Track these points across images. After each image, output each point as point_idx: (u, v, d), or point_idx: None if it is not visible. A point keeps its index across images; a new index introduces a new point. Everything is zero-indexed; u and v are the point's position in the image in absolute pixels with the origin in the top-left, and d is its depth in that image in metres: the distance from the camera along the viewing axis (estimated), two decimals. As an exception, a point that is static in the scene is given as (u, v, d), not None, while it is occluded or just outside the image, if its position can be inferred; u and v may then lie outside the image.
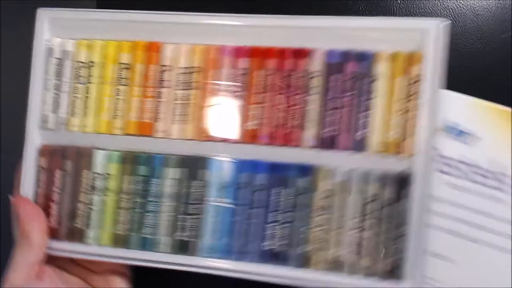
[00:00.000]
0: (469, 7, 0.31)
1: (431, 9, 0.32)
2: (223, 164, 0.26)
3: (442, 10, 0.32)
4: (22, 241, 0.25)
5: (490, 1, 0.31)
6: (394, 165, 0.25)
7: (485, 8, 0.31)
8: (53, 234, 0.27)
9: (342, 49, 0.25)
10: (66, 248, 0.27)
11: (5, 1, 0.37)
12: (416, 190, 0.24)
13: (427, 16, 0.32)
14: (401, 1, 0.32)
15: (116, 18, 0.27)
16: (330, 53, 0.26)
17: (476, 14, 0.31)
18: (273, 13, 0.26)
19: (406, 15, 0.32)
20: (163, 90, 0.27)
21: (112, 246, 0.27)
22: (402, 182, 0.24)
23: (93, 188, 0.27)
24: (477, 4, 0.31)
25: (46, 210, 0.27)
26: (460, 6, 0.31)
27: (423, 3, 0.32)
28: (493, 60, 0.30)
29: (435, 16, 0.31)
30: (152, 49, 0.27)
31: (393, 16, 0.32)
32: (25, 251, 0.25)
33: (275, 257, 0.25)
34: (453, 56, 0.25)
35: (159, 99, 0.27)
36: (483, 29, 0.31)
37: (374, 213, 0.25)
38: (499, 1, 0.31)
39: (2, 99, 0.35)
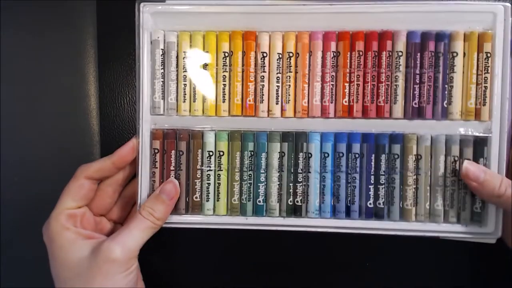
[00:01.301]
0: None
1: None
2: (322, 137, 0.30)
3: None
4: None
5: (491, 1, 0.32)
6: (473, 129, 0.29)
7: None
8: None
9: (422, 29, 0.29)
10: (185, 220, 0.30)
11: None
12: (492, 150, 0.29)
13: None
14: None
15: (214, 11, 0.30)
16: (411, 34, 0.29)
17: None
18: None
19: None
20: (264, 74, 0.30)
21: (229, 215, 0.30)
22: (480, 144, 0.29)
23: (208, 165, 0.30)
24: (478, 4, 0.31)
25: (165, 187, 0.30)
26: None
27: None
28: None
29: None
30: (249, 38, 0.30)
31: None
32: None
33: (378, 213, 0.29)
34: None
35: (262, 83, 0.30)
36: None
37: (457, 171, 0.29)
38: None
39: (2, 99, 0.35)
